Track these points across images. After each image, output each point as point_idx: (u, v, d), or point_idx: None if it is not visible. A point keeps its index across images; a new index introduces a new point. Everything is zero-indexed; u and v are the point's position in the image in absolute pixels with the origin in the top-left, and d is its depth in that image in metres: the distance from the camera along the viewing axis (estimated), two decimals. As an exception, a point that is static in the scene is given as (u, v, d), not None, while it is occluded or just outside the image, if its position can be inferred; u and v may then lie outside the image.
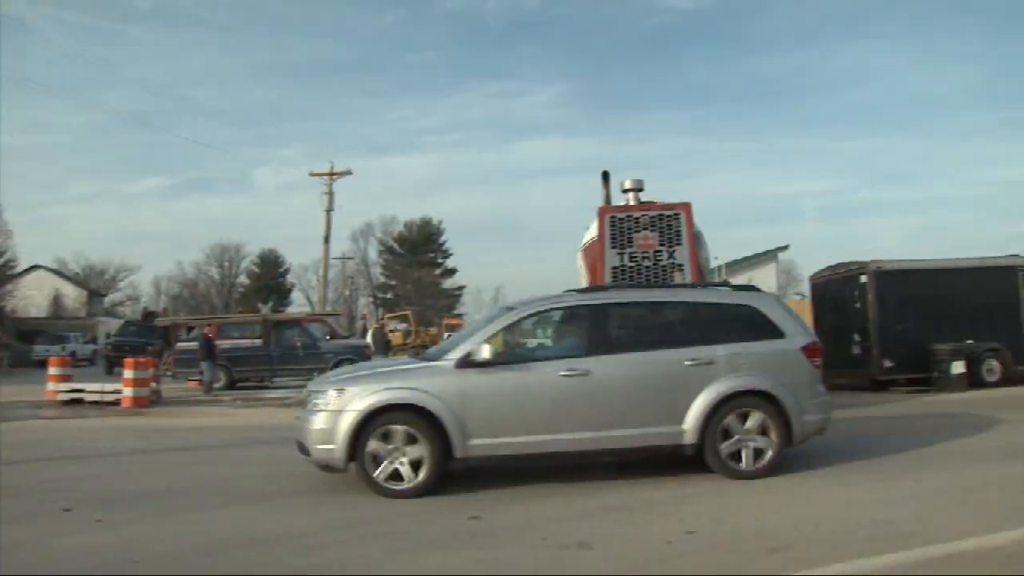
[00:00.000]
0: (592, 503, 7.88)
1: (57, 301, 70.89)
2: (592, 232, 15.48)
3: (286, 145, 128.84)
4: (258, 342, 26.13)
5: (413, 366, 9.04)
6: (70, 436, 14.62)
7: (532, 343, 9.85)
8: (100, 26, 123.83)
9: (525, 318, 9.26)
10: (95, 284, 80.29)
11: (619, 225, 14.70)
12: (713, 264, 26.75)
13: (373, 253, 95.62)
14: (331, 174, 46.65)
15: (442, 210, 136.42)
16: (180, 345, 26.90)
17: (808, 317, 20.10)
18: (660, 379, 8.73)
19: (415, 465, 8.30)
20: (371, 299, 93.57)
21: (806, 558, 5.79)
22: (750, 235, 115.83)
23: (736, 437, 8.66)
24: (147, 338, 33.79)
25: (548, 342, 9.85)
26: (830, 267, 22.37)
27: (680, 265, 14.43)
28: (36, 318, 63.10)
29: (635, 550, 6.22)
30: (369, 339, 29.95)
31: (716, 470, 8.65)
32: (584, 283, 15.96)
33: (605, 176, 16.19)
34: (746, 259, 42.82)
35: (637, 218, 14.69)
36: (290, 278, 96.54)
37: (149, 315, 47.75)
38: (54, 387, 20.40)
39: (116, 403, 19.18)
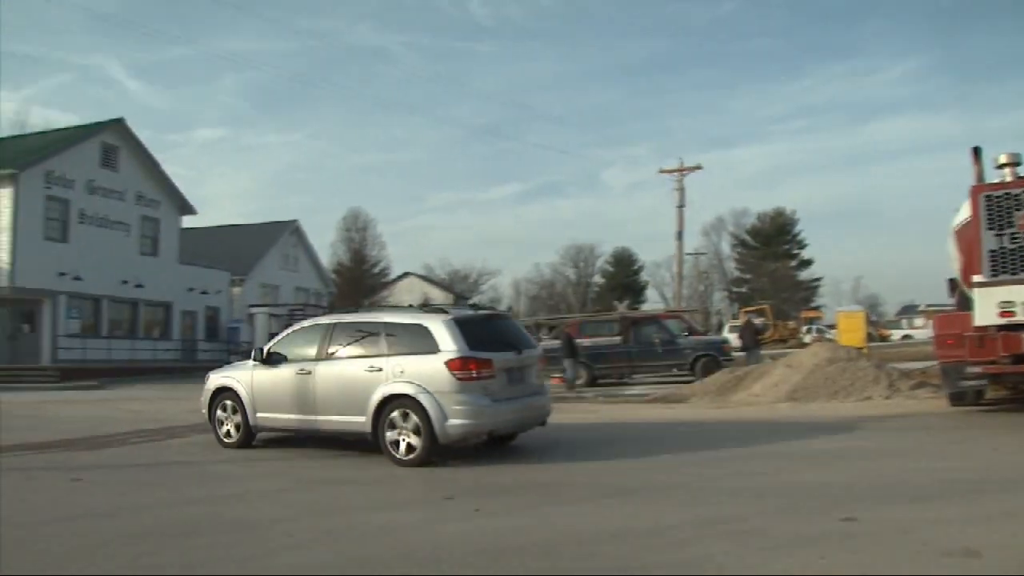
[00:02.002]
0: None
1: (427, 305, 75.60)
2: (964, 214, 14.09)
3: (633, 144, 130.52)
4: (617, 339, 26.22)
5: (246, 362, 12.55)
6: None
7: (310, 350, 11.60)
8: (448, 46, 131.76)
9: (293, 332, 12.30)
10: (459, 288, 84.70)
11: (996, 204, 13.23)
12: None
13: (726, 247, 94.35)
14: (680, 170, 46.31)
15: (794, 199, 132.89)
16: (542, 344, 27.48)
17: None
18: (353, 381, 10.85)
19: (237, 427, 12.27)
20: (726, 294, 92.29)
21: None
22: None
23: (397, 429, 10.38)
24: None
25: (312, 349, 11.58)
26: None
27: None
28: (409, 321, 67.46)
29: None
30: (726, 333, 29.26)
31: (384, 454, 10.51)
32: (957, 270, 15.00)
33: (976, 151, 14.56)
34: None
35: (1017, 195, 13.08)
36: (643, 276, 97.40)
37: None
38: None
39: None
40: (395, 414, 10.34)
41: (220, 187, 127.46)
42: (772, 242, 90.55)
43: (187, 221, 42.36)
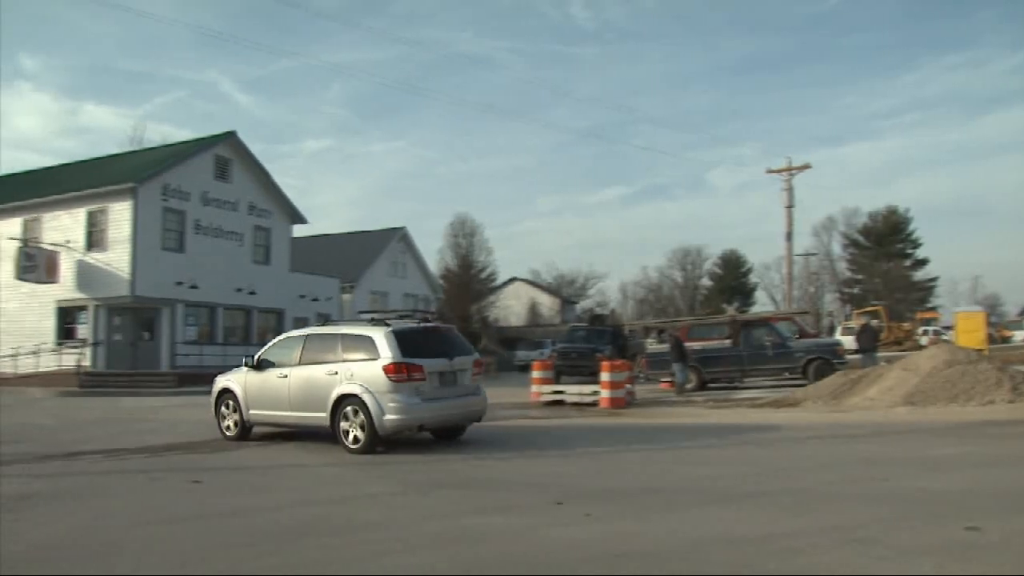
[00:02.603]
0: None
1: (533, 310, 75.92)
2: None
3: (738, 144, 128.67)
4: (727, 343, 25.84)
5: (243, 367, 14.62)
6: (553, 434, 15.18)
7: (289, 357, 13.82)
8: (550, 50, 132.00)
9: (279, 341, 14.73)
10: (566, 292, 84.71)
11: None
12: None
13: (837, 247, 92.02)
14: (789, 169, 45.40)
15: (907, 197, 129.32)
16: (652, 347, 27.24)
17: None
18: (317, 383, 13.00)
19: (235, 423, 14.50)
20: (837, 295, 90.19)
21: None
22: None
23: (349, 422, 12.51)
24: (595, 343, 30.55)
25: (290, 356, 13.77)
26: None
27: None
28: (516, 326, 67.93)
29: None
30: (839, 335, 28.49)
31: (339, 443, 12.68)
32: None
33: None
34: None
35: None
36: (752, 278, 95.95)
37: (596, 318, 48.14)
38: (537, 389, 21.52)
39: (594, 404, 19.83)
40: (348, 410, 12.51)
41: (328, 196, 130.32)
42: (885, 241, 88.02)
43: (297, 230, 43.26)
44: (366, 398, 12.18)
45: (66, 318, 34.42)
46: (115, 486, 10.20)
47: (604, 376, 19.95)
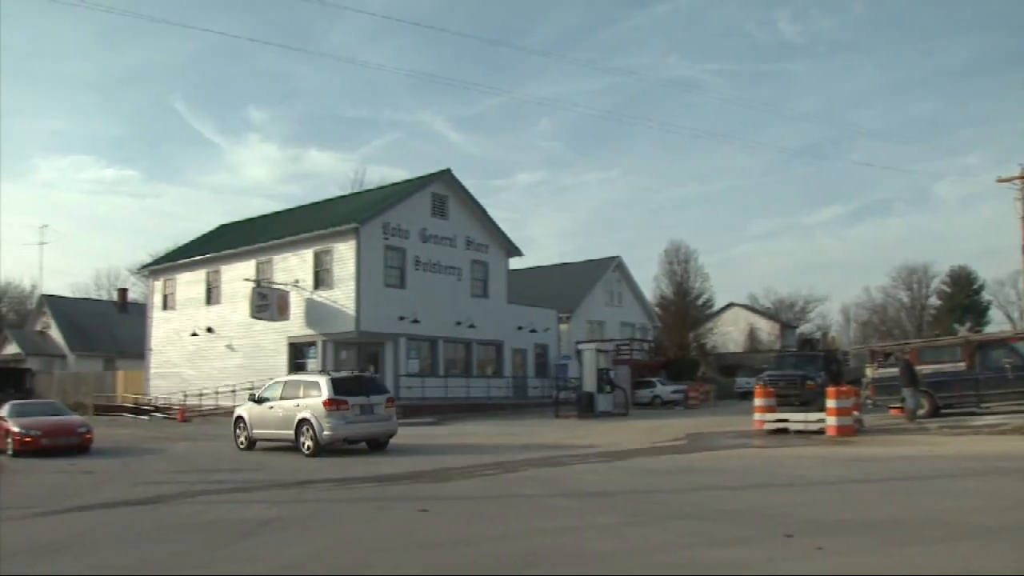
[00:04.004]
0: None
1: (752, 335, 74.17)
2: None
3: (965, 154, 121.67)
4: (961, 365, 24.26)
5: (249, 402, 21.40)
6: (779, 464, 14.75)
7: (275, 394, 20.51)
8: (759, 69, 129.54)
9: (269, 385, 21.49)
10: (785, 317, 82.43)
11: None
12: None
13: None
14: (1021, 177, 42.51)
15: None
16: (879, 372, 25.94)
17: None
18: (288, 411, 19.38)
19: (246, 439, 20.78)
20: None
21: None
22: None
23: (304, 437, 18.74)
24: (805, 370, 28.55)
25: (276, 394, 20.46)
26: None
27: None
28: (735, 352, 66.53)
29: None
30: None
31: (300, 450, 18.78)
32: None
33: None
34: None
35: None
36: (985, 295, 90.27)
37: (806, 343, 46.04)
38: (760, 417, 20.93)
39: (820, 432, 19.16)
40: (303, 428, 18.81)
41: (542, 228, 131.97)
42: None
43: (513, 263, 43.93)
44: (312, 421, 18.57)
45: (296, 354, 36.33)
46: (348, 513, 10.57)
47: (830, 403, 19.25)
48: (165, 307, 43.32)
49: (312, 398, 18.69)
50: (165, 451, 20.94)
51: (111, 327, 59.19)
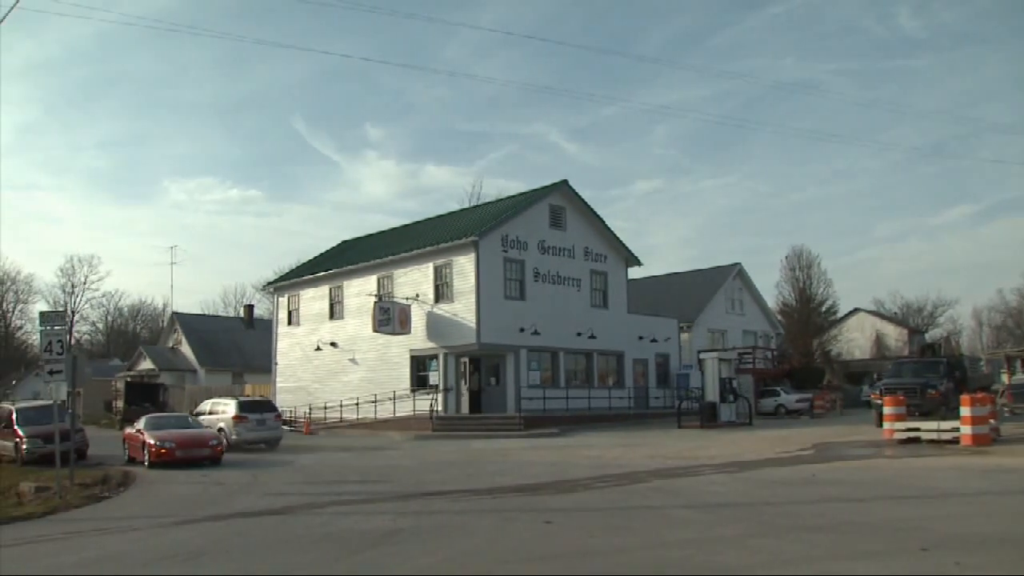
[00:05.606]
0: None
1: (879, 342, 72.02)
2: None
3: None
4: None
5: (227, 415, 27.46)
6: (912, 474, 14.31)
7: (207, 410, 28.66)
8: (880, 67, 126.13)
9: (208, 404, 29.16)
10: (913, 322, 79.85)
11: None
12: None
13: None
14: None
15: None
16: (1016, 379, 24.96)
17: None
18: (213, 423, 26.42)
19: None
20: None
21: None
22: None
23: (224, 441, 23.54)
24: (926, 377, 26.69)
25: (207, 410, 28.50)
26: None
27: None
28: (861, 359, 64.72)
29: None
30: None
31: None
32: None
33: None
34: None
35: None
36: None
37: (927, 349, 44.14)
38: (890, 426, 20.32)
39: (954, 441, 18.49)
40: (221, 435, 23.64)
41: (661, 236, 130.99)
42: None
43: (632, 272, 43.62)
44: (226, 428, 25.65)
45: (419, 366, 36.79)
46: (473, 524, 10.64)
47: (965, 411, 18.59)
48: (290, 322, 44.47)
49: (228, 413, 26.60)
50: (292, 463, 21.40)
51: (239, 342, 61.11)
